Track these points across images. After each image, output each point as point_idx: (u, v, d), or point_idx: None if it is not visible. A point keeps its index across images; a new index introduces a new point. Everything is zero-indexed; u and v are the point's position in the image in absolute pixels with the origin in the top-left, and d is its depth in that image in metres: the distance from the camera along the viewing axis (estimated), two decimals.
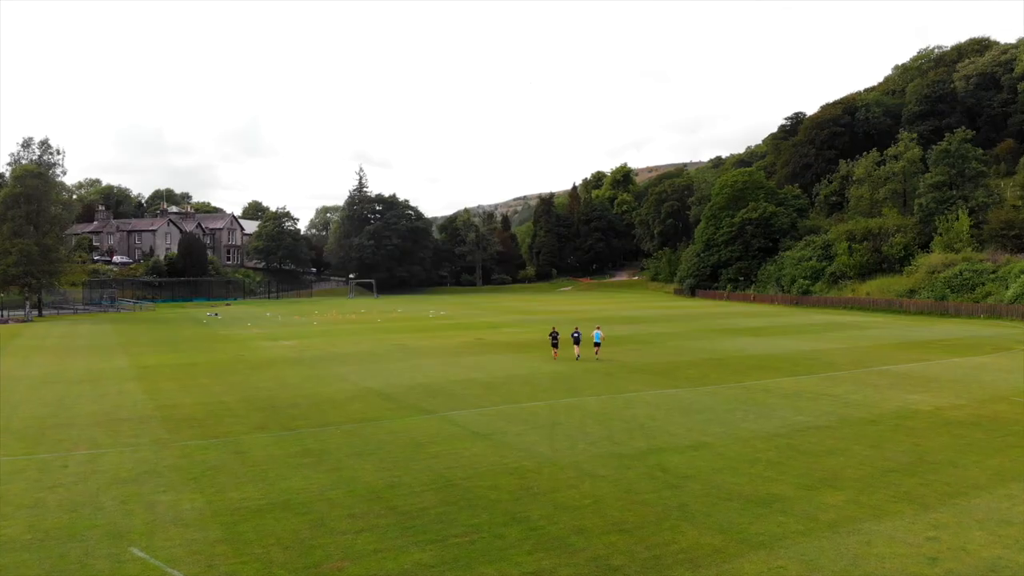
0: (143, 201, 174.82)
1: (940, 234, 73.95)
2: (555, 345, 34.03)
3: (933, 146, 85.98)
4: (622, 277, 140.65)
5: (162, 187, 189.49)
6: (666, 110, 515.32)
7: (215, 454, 17.36)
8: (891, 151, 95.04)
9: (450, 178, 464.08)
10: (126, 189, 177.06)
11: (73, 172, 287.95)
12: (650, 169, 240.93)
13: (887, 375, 28.59)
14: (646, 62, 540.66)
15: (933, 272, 67.44)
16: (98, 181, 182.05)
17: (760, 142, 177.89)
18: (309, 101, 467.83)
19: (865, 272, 78.59)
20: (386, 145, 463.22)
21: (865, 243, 79.55)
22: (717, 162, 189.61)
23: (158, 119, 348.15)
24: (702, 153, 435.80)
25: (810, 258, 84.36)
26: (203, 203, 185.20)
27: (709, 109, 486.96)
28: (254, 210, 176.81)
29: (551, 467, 15.57)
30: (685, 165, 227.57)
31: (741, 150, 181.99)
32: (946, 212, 76.19)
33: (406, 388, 25.80)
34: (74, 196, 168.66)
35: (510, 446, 17.41)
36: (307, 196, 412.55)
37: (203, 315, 72.59)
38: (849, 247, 79.87)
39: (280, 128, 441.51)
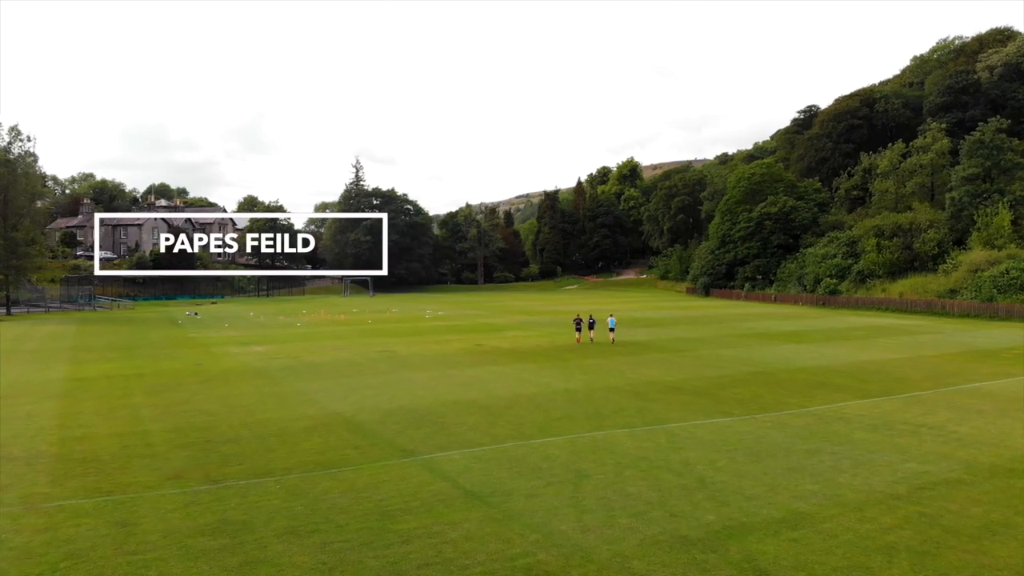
0: (138, 196, 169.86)
1: (979, 230, 68.41)
2: (578, 329, 39.26)
3: (966, 137, 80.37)
4: (629, 275, 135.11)
5: (166, 184, 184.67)
6: (671, 107, 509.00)
7: (91, 526, 11.91)
8: (918, 142, 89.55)
9: (453, 176, 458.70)
10: (120, 184, 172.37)
11: (75, 167, 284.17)
12: (654, 167, 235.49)
13: (982, 396, 23.06)
14: (651, 58, 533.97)
15: (976, 271, 61.81)
16: (91, 175, 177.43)
17: (768, 138, 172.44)
18: (313, 98, 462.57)
19: (895, 271, 72.98)
20: (390, 142, 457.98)
21: (895, 239, 73.91)
22: (724, 159, 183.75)
23: (162, 116, 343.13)
24: (707, 151, 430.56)
25: (834, 255, 78.69)
26: (200, 198, 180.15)
27: (714, 107, 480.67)
28: (249, 205, 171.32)
29: (583, 565, 10.06)
30: (690, 162, 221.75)
31: (747, 147, 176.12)
32: (981, 206, 70.78)
33: (384, 414, 20.31)
34: (66, 191, 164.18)
35: (519, 519, 11.90)
36: (311, 193, 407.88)
37: (182, 314, 67.25)
38: (877, 244, 74.24)
39: (284, 125, 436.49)
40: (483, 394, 23.14)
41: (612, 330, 39.14)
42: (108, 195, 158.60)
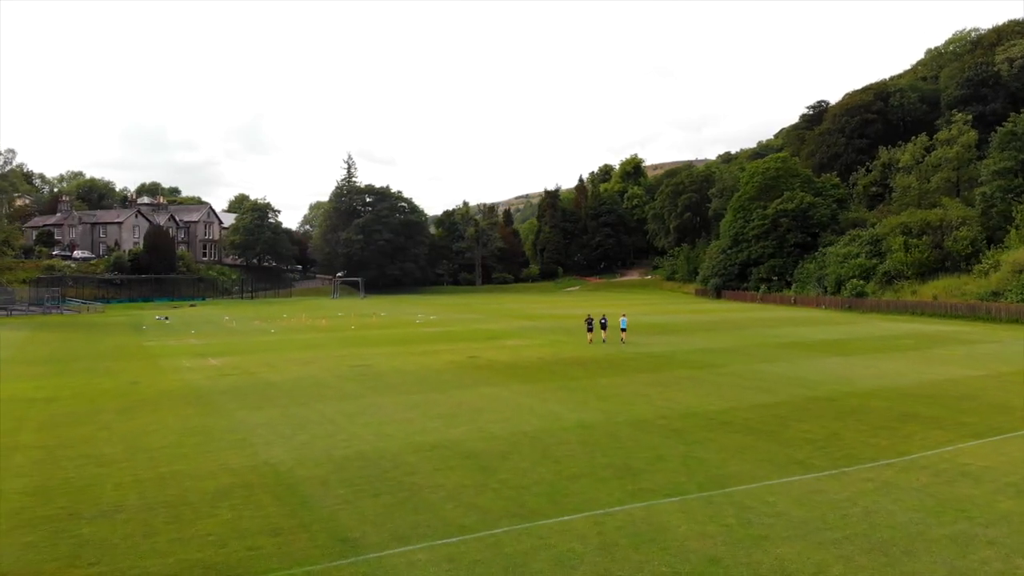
0: (128, 195, 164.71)
1: (1017, 227, 63.06)
2: (590, 329, 38.68)
3: (997, 128, 75.16)
4: (633, 276, 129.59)
5: (157, 183, 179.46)
6: (671, 107, 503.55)
7: None
8: (942, 135, 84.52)
9: (452, 176, 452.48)
10: (109, 182, 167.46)
11: (76, 168, 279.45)
12: (655, 167, 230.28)
13: None
14: (651, 58, 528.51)
15: (1021, 271, 56.39)
16: (81, 173, 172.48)
17: (772, 136, 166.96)
18: (313, 99, 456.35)
19: (925, 271, 67.58)
20: (390, 143, 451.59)
21: (924, 238, 68.51)
22: (727, 158, 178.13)
23: (162, 117, 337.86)
24: (707, 151, 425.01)
25: (857, 255, 73.24)
26: (193, 197, 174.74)
27: (714, 106, 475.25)
28: (240, 203, 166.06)
29: None
30: (691, 162, 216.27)
31: (750, 145, 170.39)
32: (1016, 202, 65.52)
33: (333, 466, 14.81)
34: (54, 190, 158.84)
35: None
36: (311, 195, 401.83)
37: (152, 318, 61.80)
38: (905, 243, 68.83)
39: (284, 126, 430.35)
40: (472, 432, 17.68)
41: (623, 330, 38.97)
42: (97, 194, 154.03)
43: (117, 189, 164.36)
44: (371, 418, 19.30)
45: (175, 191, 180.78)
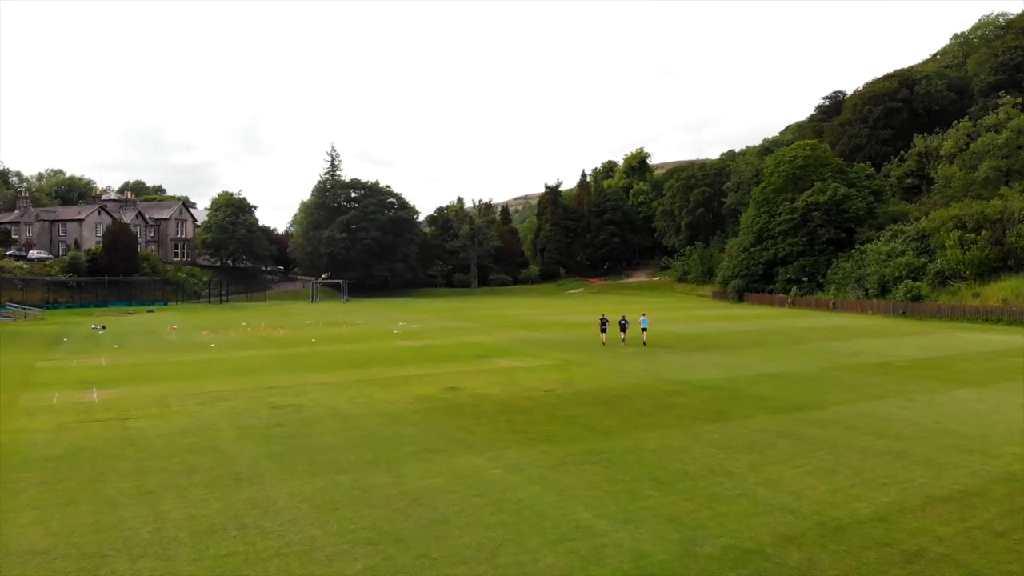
0: (96, 191, 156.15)
1: None
2: (604, 330, 37.12)
3: None
4: (640, 277, 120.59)
5: (141, 181, 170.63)
6: (672, 107, 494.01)
7: None
8: (988, 120, 76.04)
9: (451, 176, 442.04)
10: (89, 180, 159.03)
11: (77, 169, 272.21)
12: (657, 166, 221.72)
13: None
14: (651, 58, 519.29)
15: None
16: (60, 171, 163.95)
17: (778, 133, 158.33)
18: (312, 100, 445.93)
19: (984, 271, 58.82)
20: (390, 144, 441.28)
21: (983, 233, 59.71)
22: (730, 156, 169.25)
23: (160, 118, 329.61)
24: (708, 151, 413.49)
25: (903, 252, 64.42)
26: (177, 196, 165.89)
27: (715, 106, 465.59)
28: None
29: None
30: (692, 162, 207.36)
31: (754, 143, 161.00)
32: None
33: None
34: (33, 188, 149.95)
35: None
36: (307, 196, 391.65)
37: (88, 328, 52.76)
38: (961, 238, 60.03)
39: (283, 128, 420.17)
40: None
41: (644, 330, 37.17)
42: (77, 192, 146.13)
43: (99, 187, 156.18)
44: (237, 545, 10.24)
45: (159, 189, 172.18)
